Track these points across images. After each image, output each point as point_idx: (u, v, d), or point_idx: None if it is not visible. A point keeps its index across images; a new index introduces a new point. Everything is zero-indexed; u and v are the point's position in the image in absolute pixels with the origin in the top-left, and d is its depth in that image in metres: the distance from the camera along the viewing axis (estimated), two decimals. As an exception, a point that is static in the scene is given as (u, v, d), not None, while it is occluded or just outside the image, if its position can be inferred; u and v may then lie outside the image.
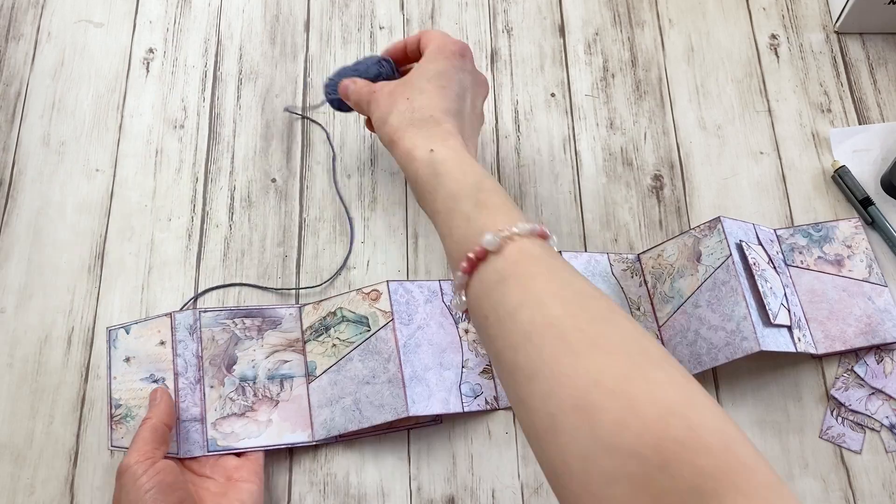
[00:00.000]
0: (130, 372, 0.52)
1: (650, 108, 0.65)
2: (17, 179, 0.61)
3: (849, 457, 0.54)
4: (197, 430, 0.51)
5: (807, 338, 0.55)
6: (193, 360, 0.53)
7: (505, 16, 0.68)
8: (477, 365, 0.54)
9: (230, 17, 0.67)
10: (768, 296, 0.53)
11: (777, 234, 0.59)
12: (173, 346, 0.52)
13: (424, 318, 0.54)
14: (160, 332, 0.53)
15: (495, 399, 0.54)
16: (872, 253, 0.58)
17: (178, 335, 0.53)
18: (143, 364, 0.52)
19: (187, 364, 0.52)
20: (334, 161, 0.62)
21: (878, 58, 0.67)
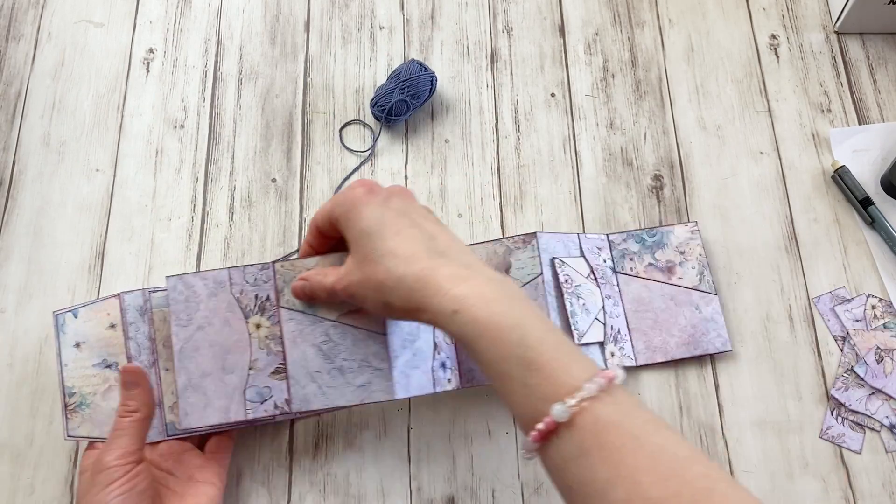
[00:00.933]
0: (82, 358, 0.49)
1: (650, 108, 0.65)
2: (17, 179, 0.61)
3: (849, 457, 0.54)
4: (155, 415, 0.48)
5: (624, 350, 0.54)
6: (146, 342, 0.50)
7: (505, 16, 0.68)
8: (267, 365, 0.48)
9: (230, 17, 0.67)
10: (577, 314, 0.51)
11: (609, 239, 0.58)
12: (124, 329, 0.50)
13: (206, 317, 0.49)
14: (109, 314, 0.50)
15: (287, 402, 0.47)
16: (706, 259, 0.57)
17: (128, 317, 0.50)
18: (95, 349, 0.50)
19: (140, 347, 0.50)
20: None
21: (878, 58, 0.67)
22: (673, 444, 0.34)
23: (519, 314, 0.38)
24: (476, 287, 0.38)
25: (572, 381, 0.35)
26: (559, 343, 0.37)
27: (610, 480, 0.33)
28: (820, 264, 0.60)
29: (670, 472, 0.33)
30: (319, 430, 0.54)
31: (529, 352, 0.36)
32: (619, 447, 0.34)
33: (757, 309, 0.58)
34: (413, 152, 0.63)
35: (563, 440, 0.35)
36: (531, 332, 0.37)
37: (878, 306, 0.58)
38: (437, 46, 0.67)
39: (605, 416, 0.35)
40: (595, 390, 0.35)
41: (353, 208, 0.43)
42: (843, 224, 0.61)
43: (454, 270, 0.39)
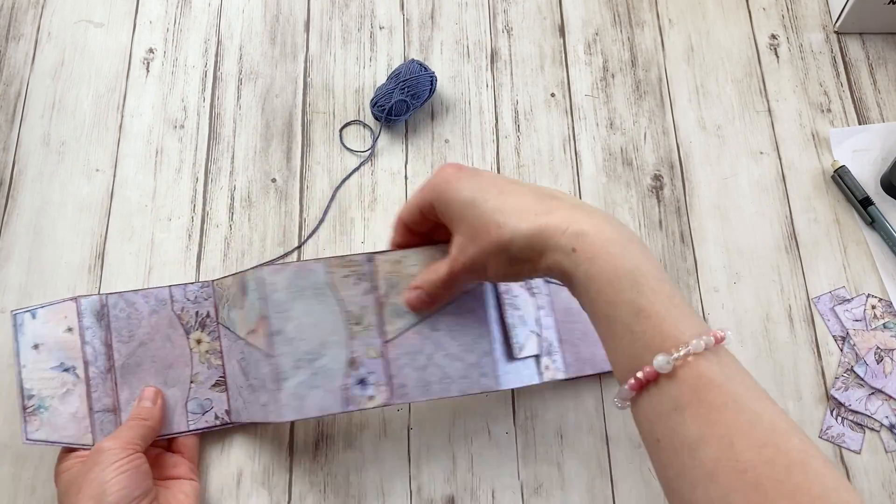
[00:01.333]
0: (40, 360, 0.49)
1: (650, 108, 0.65)
2: (17, 179, 0.61)
3: (848, 457, 0.54)
4: (111, 422, 0.49)
5: (556, 363, 0.51)
6: (102, 347, 0.49)
7: (505, 16, 0.68)
8: (207, 378, 0.51)
9: (230, 17, 0.67)
10: (516, 326, 0.49)
11: None
12: (80, 333, 0.49)
13: (148, 333, 0.50)
14: (66, 317, 0.49)
15: (227, 413, 0.50)
16: None
17: (84, 321, 0.50)
18: (53, 351, 0.49)
19: (96, 353, 0.49)
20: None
21: (878, 58, 0.67)
22: (773, 413, 0.34)
23: (636, 258, 0.37)
24: (594, 225, 0.38)
25: (680, 334, 0.35)
26: (672, 295, 0.36)
27: (703, 438, 0.33)
28: (820, 264, 0.60)
29: (766, 440, 0.32)
30: (319, 431, 0.54)
31: (641, 298, 0.36)
32: (717, 406, 0.33)
33: (757, 309, 0.58)
34: (413, 152, 0.63)
35: (661, 391, 0.35)
36: (646, 278, 0.36)
37: (877, 306, 0.58)
38: (437, 46, 0.67)
39: (707, 374, 0.34)
40: (702, 347, 0.34)
41: (447, 188, 0.42)
42: (843, 224, 0.61)
43: (568, 211, 0.39)
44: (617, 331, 0.37)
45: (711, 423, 0.33)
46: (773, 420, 0.33)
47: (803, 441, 0.33)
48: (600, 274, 0.37)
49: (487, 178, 0.42)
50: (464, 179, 0.42)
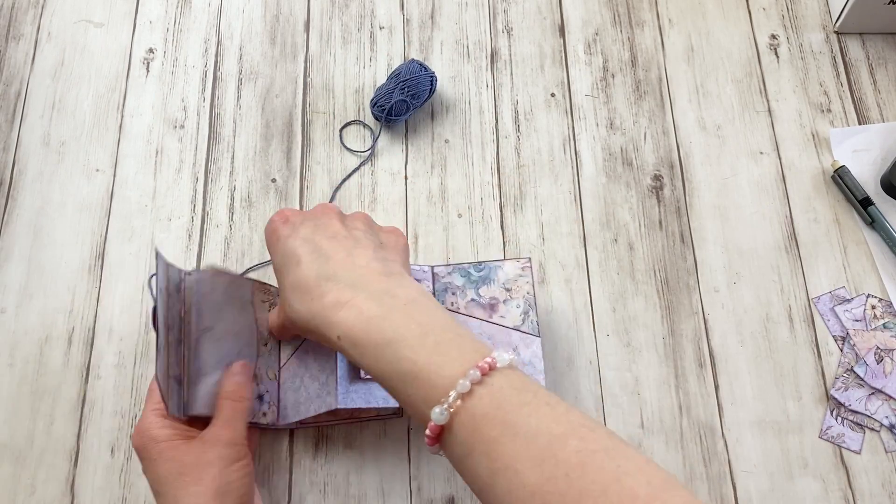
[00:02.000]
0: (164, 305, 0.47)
1: (650, 108, 0.65)
2: (17, 179, 0.61)
3: (848, 457, 0.54)
4: (177, 392, 0.46)
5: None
6: (177, 320, 0.48)
7: (505, 16, 0.68)
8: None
9: (230, 17, 0.67)
10: None
11: (434, 271, 0.53)
12: (167, 297, 0.47)
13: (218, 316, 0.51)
14: (164, 276, 0.47)
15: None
16: (533, 299, 0.52)
17: (171, 286, 0.48)
18: (161, 302, 0.47)
19: (174, 321, 0.48)
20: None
21: (878, 58, 0.67)
22: (549, 422, 0.34)
23: (395, 327, 0.39)
24: (354, 309, 0.40)
25: (446, 381, 0.36)
26: (436, 344, 0.38)
27: (493, 473, 0.34)
28: (820, 264, 0.60)
29: (545, 454, 0.33)
30: (319, 431, 0.54)
31: (404, 363, 0.37)
32: (496, 438, 0.34)
33: (757, 309, 0.58)
34: (413, 152, 0.63)
35: (450, 441, 0.36)
36: (405, 343, 0.38)
37: (877, 306, 0.58)
38: (437, 46, 0.67)
39: (479, 410, 0.35)
40: (468, 385, 0.35)
41: (269, 246, 0.46)
42: (843, 224, 0.61)
43: (337, 295, 0.41)
44: (399, 397, 0.39)
45: (495, 457, 0.34)
46: (549, 430, 0.34)
47: (582, 439, 0.34)
48: (366, 352, 0.39)
49: (298, 241, 0.44)
50: (280, 242, 0.45)
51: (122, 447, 0.53)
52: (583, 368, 0.56)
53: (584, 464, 0.33)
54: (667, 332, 0.57)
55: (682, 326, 0.57)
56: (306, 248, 0.43)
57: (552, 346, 0.56)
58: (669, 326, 0.57)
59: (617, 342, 0.57)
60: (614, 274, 0.59)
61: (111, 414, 0.54)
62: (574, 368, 0.56)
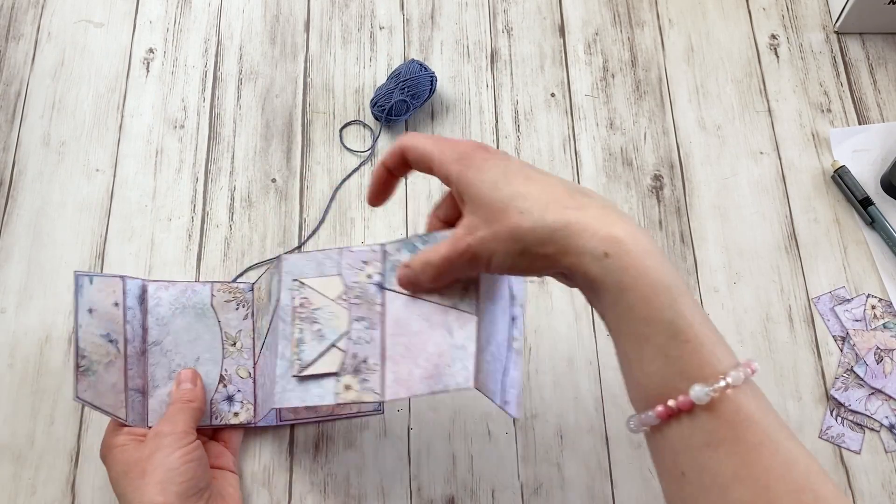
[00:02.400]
0: (93, 325, 0.49)
1: (650, 108, 0.65)
2: (17, 179, 0.61)
3: (848, 457, 0.54)
4: (140, 403, 0.50)
5: (370, 382, 0.44)
6: (139, 329, 0.51)
7: (505, 16, 0.68)
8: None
9: (230, 17, 0.67)
10: (305, 342, 0.46)
11: (385, 249, 0.46)
12: (124, 311, 0.50)
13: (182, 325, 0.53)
14: (115, 292, 0.50)
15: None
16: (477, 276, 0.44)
17: (128, 301, 0.50)
18: (103, 320, 0.49)
19: (134, 333, 0.50)
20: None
21: (878, 58, 0.67)
22: (806, 455, 0.32)
23: (673, 274, 0.33)
24: (629, 232, 0.34)
25: (718, 363, 0.32)
26: (706, 320, 0.34)
27: (738, 477, 0.31)
28: (820, 264, 0.60)
29: (805, 484, 0.31)
30: (320, 431, 0.54)
31: (679, 319, 0.33)
32: (754, 445, 0.31)
33: (757, 309, 0.58)
34: (413, 152, 0.63)
35: (693, 423, 0.32)
36: (684, 298, 0.33)
37: (877, 306, 0.58)
38: (437, 46, 0.67)
39: (746, 409, 0.32)
40: (741, 379, 0.32)
41: (470, 163, 0.38)
42: (843, 224, 0.61)
43: (600, 211, 0.35)
44: (647, 352, 0.33)
45: (748, 464, 0.31)
46: (808, 463, 0.31)
47: (837, 489, 0.31)
48: (636, 287, 0.33)
49: (516, 164, 0.38)
50: (490, 160, 0.38)
51: (123, 447, 0.53)
52: (583, 369, 0.56)
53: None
54: (667, 332, 0.57)
55: (682, 326, 0.57)
56: (532, 170, 0.38)
57: (552, 346, 0.56)
58: (669, 326, 0.57)
59: (617, 342, 0.57)
60: (614, 274, 0.59)
61: (111, 414, 0.54)
62: (574, 368, 0.56)
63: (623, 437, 0.54)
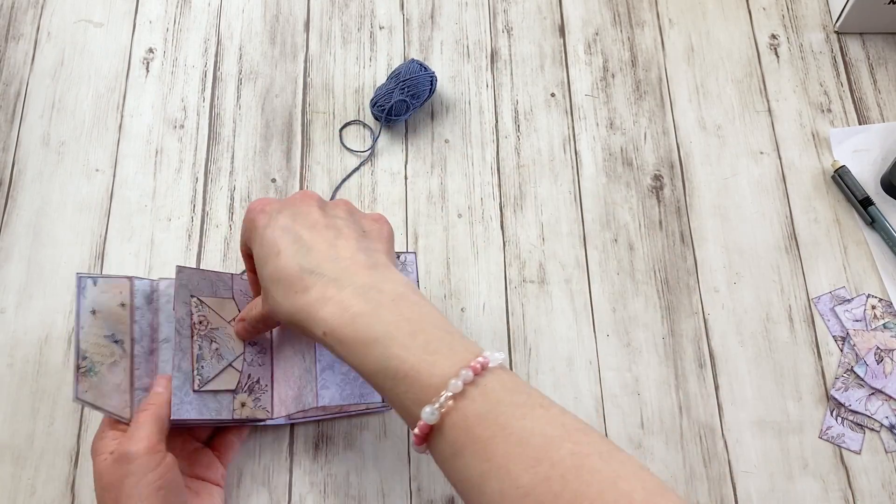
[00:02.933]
0: (96, 325, 0.49)
1: (650, 108, 0.65)
2: (17, 179, 0.61)
3: (848, 457, 0.54)
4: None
5: (262, 401, 0.50)
6: (147, 329, 0.51)
7: (505, 16, 0.68)
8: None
9: (230, 17, 0.67)
10: (204, 358, 0.49)
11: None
12: (131, 311, 0.50)
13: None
14: (121, 293, 0.50)
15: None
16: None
17: (136, 300, 0.51)
18: (107, 321, 0.49)
19: (142, 333, 0.50)
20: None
21: (878, 58, 0.67)
22: (543, 424, 0.34)
23: (384, 324, 0.38)
24: (340, 305, 0.39)
25: (437, 381, 0.35)
26: (427, 342, 0.37)
27: (484, 474, 0.34)
28: (820, 264, 0.60)
29: (539, 455, 0.33)
30: (319, 431, 0.54)
31: (392, 361, 0.37)
32: (488, 439, 0.34)
33: (757, 309, 0.58)
34: (413, 152, 0.63)
35: (438, 440, 0.36)
36: (394, 341, 0.37)
37: (878, 306, 0.58)
38: (437, 46, 0.67)
39: (472, 411, 0.35)
40: (460, 386, 0.35)
41: (249, 237, 0.45)
42: (843, 224, 0.61)
43: (322, 290, 0.39)
44: (387, 396, 0.38)
45: (487, 458, 0.34)
46: (543, 432, 0.34)
47: (576, 443, 0.33)
48: (351, 353, 0.38)
49: (278, 231, 0.42)
50: (258, 230, 0.43)
51: (122, 447, 0.53)
52: (583, 369, 0.56)
53: (580, 466, 0.33)
54: (667, 333, 0.57)
55: (682, 326, 0.57)
56: (286, 238, 0.42)
57: (552, 346, 0.56)
58: (669, 326, 0.57)
59: (617, 342, 0.57)
60: (614, 274, 0.59)
61: (111, 414, 0.54)
62: (574, 368, 0.56)
63: (623, 436, 0.54)
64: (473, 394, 0.35)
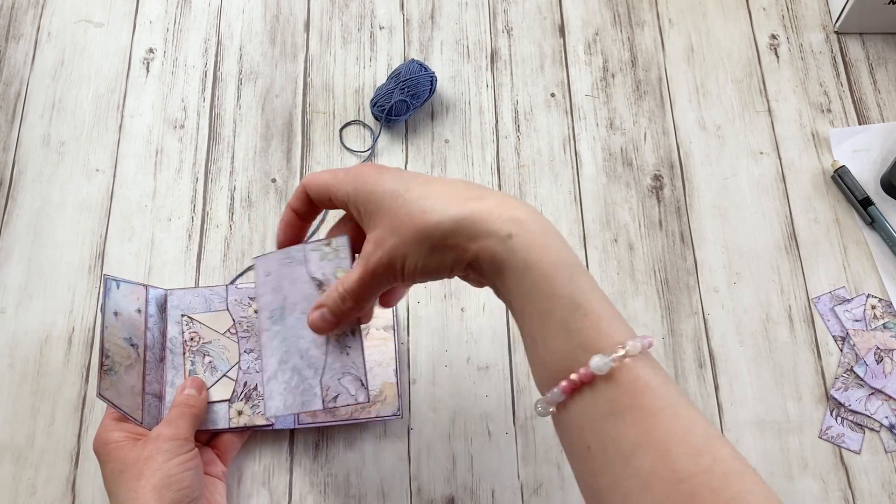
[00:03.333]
0: (117, 327, 0.50)
1: (650, 108, 0.65)
2: (17, 179, 0.61)
3: (848, 457, 0.54)
4: (156, 407, 0.51)
5: (260, 408, 0.51)
6: (159, 336, 0.52)
7: (505, 16, 0.68)
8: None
9: (230, 17, 0.67)
10: (197, 373, 0.52)
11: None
12: (146, 318, 0.52)
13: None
14: (138, 299, 0.52)
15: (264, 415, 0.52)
16: None
17: (150, 308, 0.52)
18: (126, 324, 0.51)
19: (154, 340, 0.52)
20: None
21: (878, 58, 0.67)
22: (705, 421, 0.32)
23: (573, 255, 0.35)
24: (529, 214, 0.35)
25: (616, 334, 0.33)
26: (605, 298, 0.35)
27: (639, 444, 0.31)
28: (820, 264, 0.60)
29: (703, 448, 0.31)
30: (320, 432, 0.54)
31: (579, 294, 0.34)
32: (655, 411, 0.32)
33: (757, 309, 0.58)
34: (413, 152, 0.63)
35: (595, 395, 0.33)
36: (583, 275, 0.35)
37: (877, 306, 0.58)
38: (437, 46, 0.67)
39: (644, 377, 0.32)
40: (638, 348, 0.32)
41: (367, 180, 0.39)
42: (843, 224, 0.61)
43: (500, 199, 0.36)
44: (550, 328, 0.34)
45: (648, 430, 0.32)
46: (706, 427, 0.32)
47: (735, 451, 0.32)
48: (539, 264, 0.34)
49: (410, 173, 0.39)
50: (385, 173, 0.39)
51: (123, 447, 0.53)
52: (583, 368, 0.56)
53: (742, 472, 0.31)
54: (667, 332, 0.57)
55: (682, 326, 0.57)
56: (426, 176, 0.38)
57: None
58: (669, 326, 0.57)
59: (617, 342, 0.57)
60: (614, 274, 0.59)
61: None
62: (574, 368, 0.56)
63: (623, 437, 0.54)
64: (647, 362, 0.33)
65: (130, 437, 0.47)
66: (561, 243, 0.35)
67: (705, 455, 0.31)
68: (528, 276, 0.34)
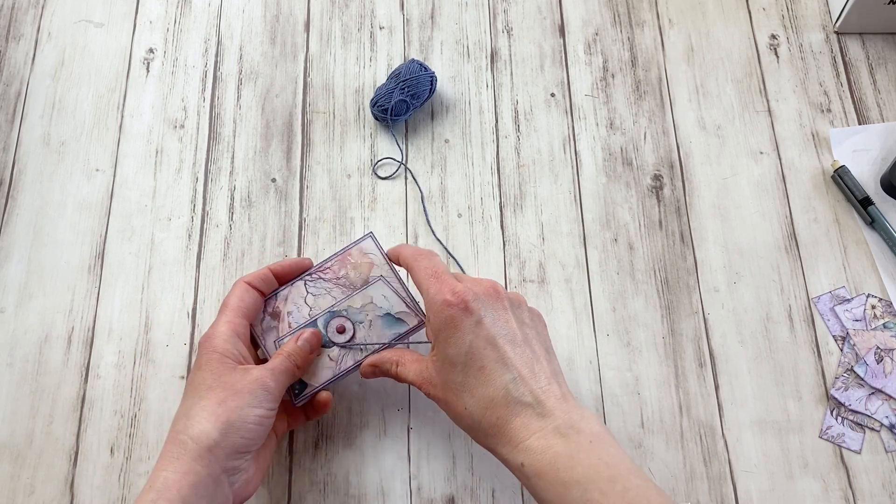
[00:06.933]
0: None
1: (650, 108, 0.65)
2: (17, 179, 0.61)
3: (848, 457, 0.54)
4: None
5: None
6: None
7: (505, 16, 0.68)
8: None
9: (230, 17, 0.67)
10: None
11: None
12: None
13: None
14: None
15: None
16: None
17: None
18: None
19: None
20: (423, 201, 0.62)
21: (878, 58, 0.67)
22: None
23: (584, 468, 0.39)
24: (543, 441, 0.41)
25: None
26: (625, 490, 0.38)
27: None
28: (820, 264, 0.60)
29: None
30: (319, 430, 0.54)
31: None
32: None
33: (757, 309, 0.58)
34: (413, 152, 0.63)
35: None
36: (594, 486, 0.38)
37: (877, 306, 0.58)
38: (437, 46, 0.67)
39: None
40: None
41: (445, 327, 0.44)
42: (843, 224, 0.61)
43: (525, 421, 0.42)
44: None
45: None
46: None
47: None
48: (547, 490, 0.40)
49: (480, 342, 0.43)
50: (460, 332, 0.44)
51: (122, 447, 0.53)
52: (583, 368, 0.56)
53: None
54: (667, 332, 0.57)
55: (682, 326, 0.57)
56: (491, 353, 0.43)
57: (552, 345, 0.56)
58: (669, 326, 0.57)
59: (617, 342, 0.57)
60: (614, 274, 0.59)
61: (111, 413, 0.54)
62: (574, 368, 0.56)
63: (623, 436, 0.54)
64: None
65: (236, 356, 0.46)
66: (572, 462, 0.40)
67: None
68: (544, 497, 0.40)
